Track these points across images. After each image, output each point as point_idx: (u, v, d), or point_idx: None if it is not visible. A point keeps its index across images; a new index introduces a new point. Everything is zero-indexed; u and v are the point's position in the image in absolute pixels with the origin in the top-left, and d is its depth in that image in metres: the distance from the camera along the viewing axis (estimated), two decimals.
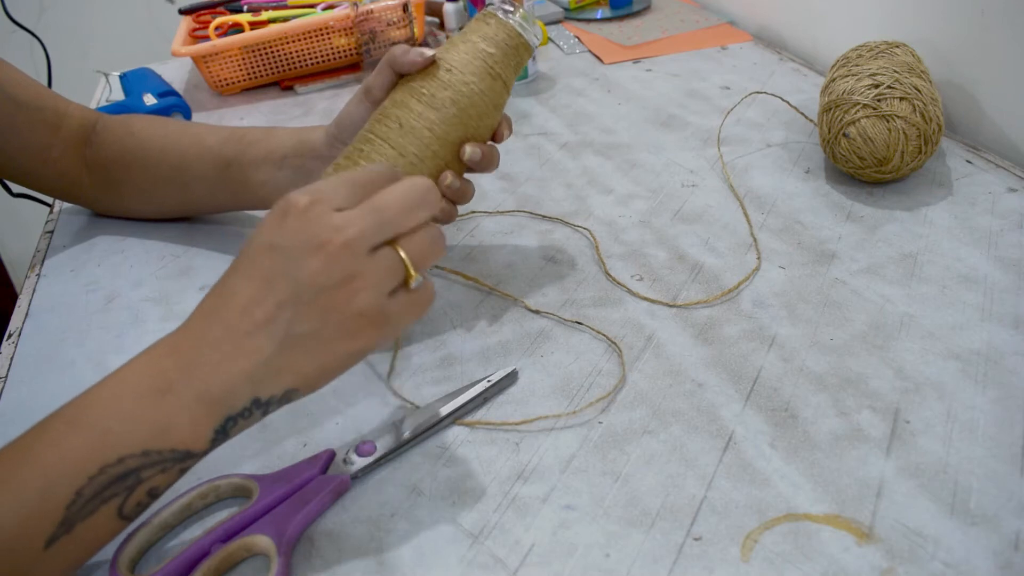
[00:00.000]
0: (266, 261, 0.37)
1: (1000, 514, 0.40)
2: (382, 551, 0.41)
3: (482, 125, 0.53)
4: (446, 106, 0.51)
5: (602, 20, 1.10)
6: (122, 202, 0.69)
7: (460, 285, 0.60)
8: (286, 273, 0.36)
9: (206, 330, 0.37)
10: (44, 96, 0.65)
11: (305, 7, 0.98)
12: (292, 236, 0.37)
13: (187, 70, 1.09)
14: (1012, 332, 0.51)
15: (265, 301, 0.36)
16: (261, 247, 0.37)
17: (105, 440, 0.35)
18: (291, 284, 0.36)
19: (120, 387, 0.37)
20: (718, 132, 0.78)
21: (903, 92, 0.62)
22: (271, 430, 0.49)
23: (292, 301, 0.36)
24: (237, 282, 0.37)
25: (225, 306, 0.37)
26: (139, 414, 0.36)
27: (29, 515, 0.34)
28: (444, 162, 0.52)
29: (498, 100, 0.54)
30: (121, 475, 0.35)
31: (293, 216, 0.37)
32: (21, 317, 0.62)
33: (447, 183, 0.52)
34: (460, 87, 0.51)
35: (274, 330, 0.36)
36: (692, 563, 0.39)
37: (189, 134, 0.64)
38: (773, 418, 0.46)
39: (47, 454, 0.35)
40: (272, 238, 0.37)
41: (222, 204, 0.66)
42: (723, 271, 0.59)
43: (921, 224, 0.62)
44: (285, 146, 0.59)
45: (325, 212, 0.37)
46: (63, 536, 0.35)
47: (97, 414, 0.36)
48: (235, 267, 0.38)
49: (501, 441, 0.47)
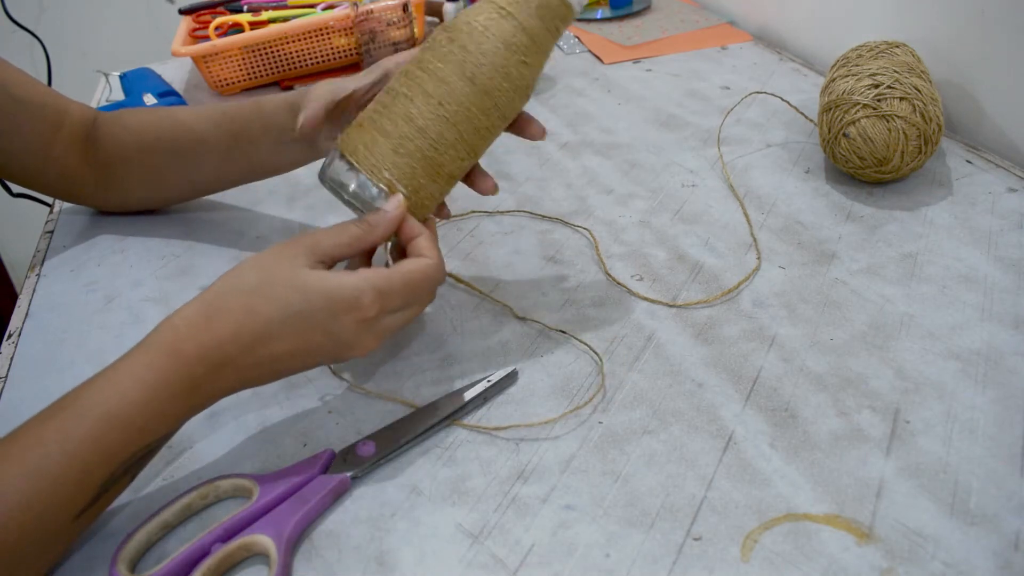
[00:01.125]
0: (317, 338, 0.43)
1: (1000, 514, 0.40)
2: (382, 551, 0.41)
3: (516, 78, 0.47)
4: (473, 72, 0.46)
5: (602, 20, 1.10)
6: (128, 196, 0.69)
7: (460, 284, 0.60)
8: (327, 350, 0.44)
9: (236, 356, 0.42)
10: (45, 95, 0.65)
11: (305, 7, 0.98)
12: (349, 335, 0.44)
13: (187, 70, 1.09)
14: (1012, 332, 0.51)
15: (300, 361, 0.44)
16: (318, 327, 0.43)
17: (141, 435, 0.40)
18: (325, 357, 0.45)
19: (151, 387, 0.40)
20: (718, 132, 0.78)
21: (903, 92, 0.62)
22: (271, 430, 0.49)
23: (317, 364, 0.45)
24: (284, 336, 0.42)
25: (263, 346, 0.42)
26: (170, 411, 0.41)
27: (67, 498, 0.38)
28: (473, 141, 0.48)
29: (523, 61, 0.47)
30: (145, 455, 0.41)
31: (357, 319, 0.43)
32: (21, 317, 0.62)
33: (491, 189, 0.54)
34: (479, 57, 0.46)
35: (292, 373, 0.45)
36: (692, 563, 0.39)
37: (181, 119, 0.64)
38: (773, 418, 0.46)
39: (85, 449, 0.39)
40: (331, 326, 0.43)
41: (229, 181, 0.67)
42: (723, 271, 0.59)
43: (921, 224, 0.62)
44: (280, 119, 0.59)
45: (380, 321, 0.44)
46: (90, 508, 0.40)
47: (133, 414, 0.40)
48: (286, 321, 0.42)
49: (501, 441, 0.47)
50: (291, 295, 0.42)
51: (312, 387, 0.52)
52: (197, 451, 0.48)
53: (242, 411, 0.50)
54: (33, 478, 0.37)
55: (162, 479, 0.46)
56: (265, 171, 0.64)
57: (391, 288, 0.44)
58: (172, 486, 0.46)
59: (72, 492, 0.38)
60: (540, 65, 0.48)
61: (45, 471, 0.38)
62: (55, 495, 0.38)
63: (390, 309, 0.44)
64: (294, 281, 0.43)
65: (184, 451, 0.48)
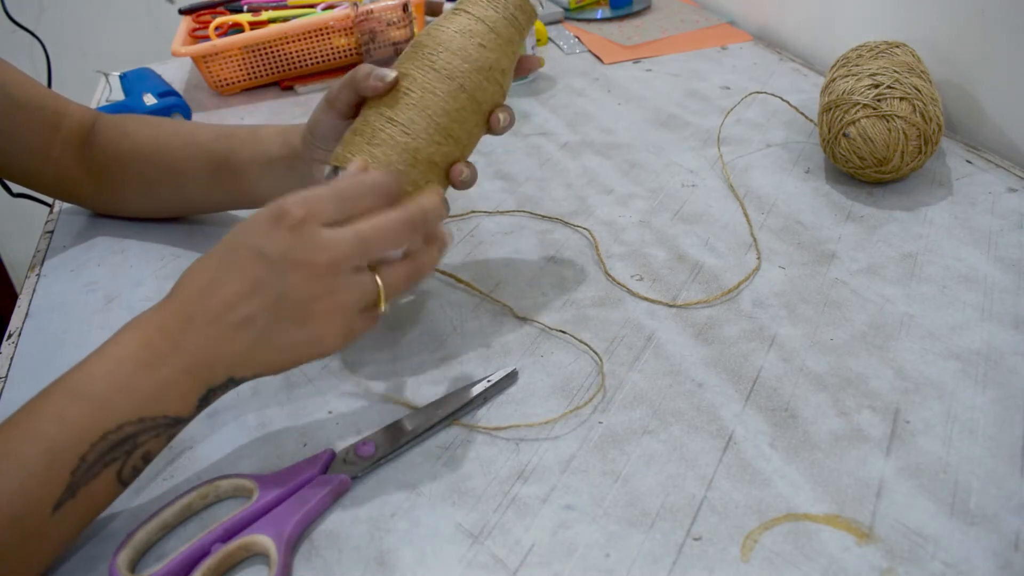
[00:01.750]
0: (254, 265, 0.40)
1: (1000, 514, 0.40)
2: (382, 551, 0.41)
3: (487, 92, 0.51)
4: (444, 83, 0.49)
5: (602, 20, 1.10)
6: (121, 202, 0.70)
7: (460, 285, 0.60)
8: (271, 282, 0.40)
9: (192, 313, 0.41)
10: (44, 96, 0.65)
11: (305, 7, 0.98)
12: (281, 248, 0.40)
13: (187, 70, 1.09)
14: (1012, 332, 0.51)
15: (249, 302, 0.40)
16: (251, 251, 0.41)
17: (105, 409, 0.39)
18: (274, 293, 0.40)
19: (114, 360, 0.40)
20: (718, 132, 0.78)
21: (903, 92, 0.62)
22: (271, 430, 0.49)
23: (273, 307, 0.41)
24: (224, 276, 0.41)
25: (211, 295, 0.41)
26: (134, 384, 0.39)
27: (38, 482, 0.37)
28: (457, 135, 0.50)
29: (493, 64, 0.50)
30: (120, 440, 0.39)
31: (284, 227, 0.40)
32: (21, 317, 0.62)
33: (463, 177, 0.50)
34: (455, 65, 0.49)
35: (253, 329, 0.41)
36: (692, 563, 0.39)
37: (181, 134, 0.64)
38: (773, 418, 0.46)
39: (50, 426, 0.38)
40: (262, 244, 0.40)
41: (217, 204, 0.66)
42: (723, 271, 0.59)
43: (921, 224, 0.62)
44: (272, 149, 0.59)
45: (315, 229, 0.41)
46: (69, 500, 0.38)
47: (95, 386, 0.39)
48: (222, 260, 0.41)
49: (501, 441, 0.47)
50: (227, 238, 0.42)
51: (312, 387, 0.52)
52: (197, 451, 0.48)
53: (242, 411, 0.50)
54: (1, 462, 0.37)
55: (162, 479, 0.47)
56: (249, 200, 0.63)
57: (316, 192, 0.41)
58: (172, 486, 0.46)
59: (42, 476, 0.37)
60: (503, 51, 0.51)
61: (12, 453, 0.37)
62: (24, 479, 0.37)
63: (321, 215, 0.41)
64: (233, 229, 0.42)
65: (184, 451, 0.48)
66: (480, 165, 0.76)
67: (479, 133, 0.52)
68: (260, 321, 0.41)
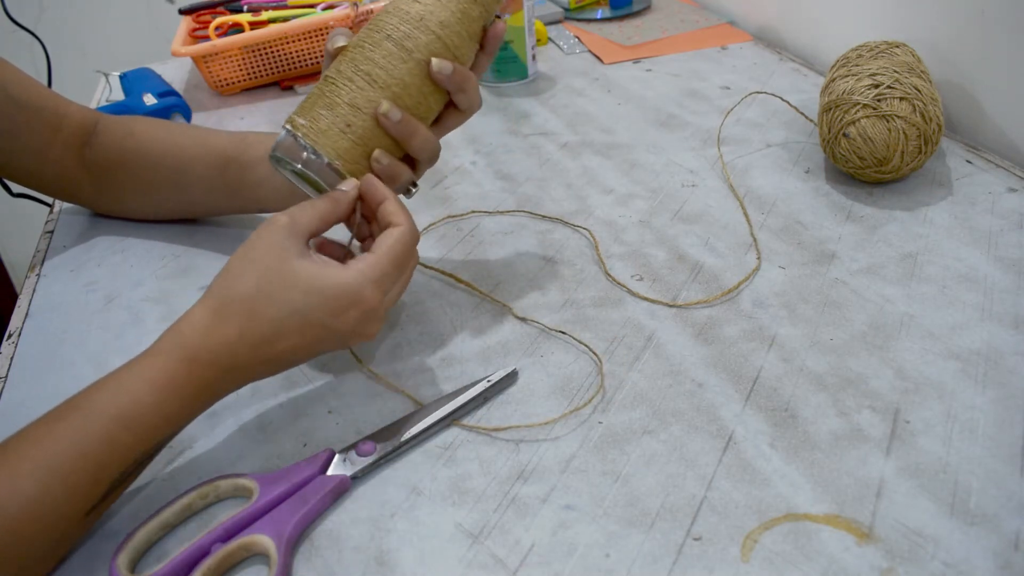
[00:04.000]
0: (321, 334, 0.44)
1: (1000, 514, 0.40)
2: (382, 551, 0.41)
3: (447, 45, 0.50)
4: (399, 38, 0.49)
5: (602, 20, 1.10)
6: (121, 203, 0.70)
7: (460, 285, 0.60)
8: (330, 343, 0.45)
9: (246, 357, 0.43)
10: (44, 96, 0.65)
11: (305, 7, 0.98)
12: (353, 327, 0.45)
13: (187, 70, 1.09)
14: (1012, 332, 0.51)
15: (304, 355, 0.45)
16: (321, 324, 0.44)
17: (152, 435, 0.41)
18: (329, 347, 0.46)
19: (166, 390, 0.42)
20: (718, 132, 0.78)
21: (903, 92, 0.62)
22: (271, 430, 0.49)
23: (319, 354, 0.47)
24: (288, 334, 0.44)
25: (269, 347, 0.43)
26: (181, 412, 0.42)
27: (80, 496, 0.39)
28: (406, 93, 0.49)
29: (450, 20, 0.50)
30: (153, 451, 0.42)
31: (359, 312, 0.44)
32: (21, 317, 0.62)
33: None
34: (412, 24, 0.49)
35: (294, 366, 0.46)
36: (692, 563, 0.39)
37: (189, 136, 0.64)
38: (773, 418, 0.46)
39: (100, 450, 0.40)
40: (333, 323, 0.44)
41: (220, 206, 0.66)
42: (723, 271, 0.59)
43: (921, 224, 0.62)
44: None
45: (380, 311, 0.45)
46: (100, 504, 0.41)
47: (146, 414, 0.41)
48: (290, 318, 0.43)
49: (501, 441, 0.47)
50: (291, 295, 0.43)
51: (312, 387, 0.52)
52: (197, 451, 0.48)
53: (242, 411, 0.50)
54: (46, 475, 0.38)
55: (162, 479, 0.47)
56: (251, 202, 0.63)
57: (385, 273, 0.45)
58: (172, 486, 0.46)
59: (85, 490, 0.39)
60: (443, 7, 0.50)
61: (57, 469, 0.39)
62: (67, 492, 0.39)
63: (387, 292, 0.46)
64: (291, 278, 0.43)
65: (184, 451, 0.48)
66: (480, 165, 0.76)
67: (416, 82, 0.49)
68: (302, 362, 0.46)
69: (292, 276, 0.43)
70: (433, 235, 0.66)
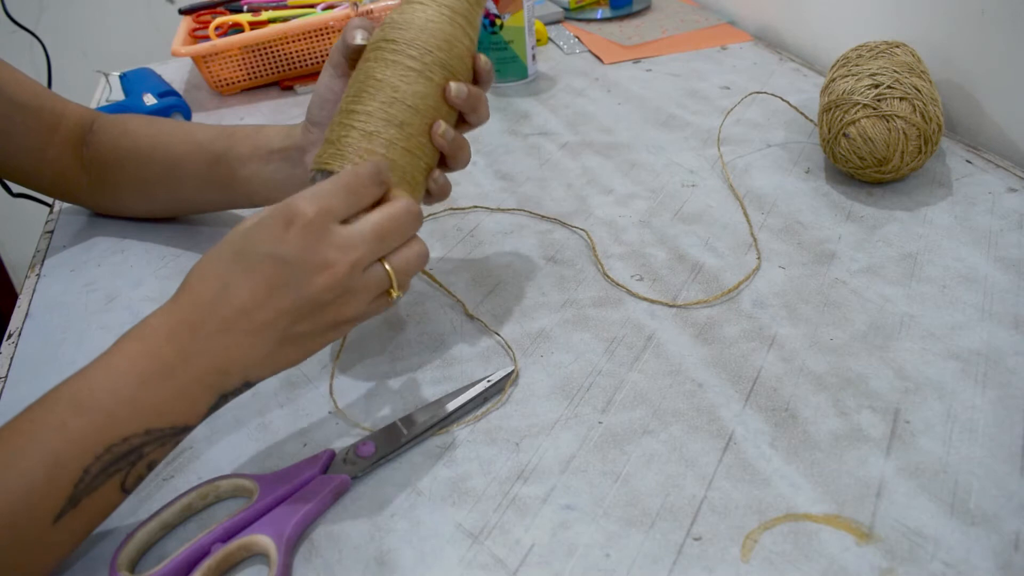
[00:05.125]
0: (270, 270, 0.39)
1: (1000, 514, 0.40)
2: (382, 551, 0.41)
3: (455, 68, 0.50)
4: (409, 63, 0.48)
5: (602, 20, 1.10)
6: (119, 202, 0.70)
7: (461, 284, 0.60)
8: (290, 285, 0.40)
9: (203, 322, 0.39)
10: (42, 96, 0.65)
11: (305, 7, 0.98)
12: (299, 251, 0.39)
13: (187, 70, 1.09)
14: (1012, 332, 0.51)
15: (266, 307, 0.40)
16: (264, 255, 0.39)
17: (110, 422, 0.38)
18: (294, 297, 0.40)
19: (119, 371, 0.39)
20: (718, 132, 0.78)
21: (903, 92, 0.62)
22: (271, 430, 0.49)
23: (292, 310, 0.40)
24: (237, 282, 0.40)
25: (223, 302, 0.39)
26: (142, 397, 0.38)
27: (40, 494, 0.36)
28: (430, 115, 0.49)
29: (460, 38, 0.50)
30: (125, 452, 0.38)
31: (299, 228, 0.40)
32: (21, 317, 0.62)
33: (440, 132, 0.48)
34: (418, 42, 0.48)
35: (271, 333, 0.40)
36: (692, 563, 0.39)
37: (180, 132, 0.64)
38: (773, 418, 0.46)
39: (54, 438, 0.37)
40: (275, 248, 0.39)
41: (212, 202, 0.66)
42: (723, 271, 0.59)
43: (921, 224, 0.62)
44: (273, 142, 0.58)
45: (331, 229, 0.40)
46: (70, 511, 0.37)
47: (101, 398, 0.38)
48: (233, 264, 0.40)
49: (501, 441, 0.47)
50: (233, 241, 0.40)
51: (312, 387, 0.52)
52: (197, 451, 0.48)
53: (242, 411, 0.50)
54: (2, 473, 0.36)
55: (162, 479, 0.46)
56: (245, 197, 0.62)
57: (324, 189, 0.41)
58: (172, 486, 0.46)
59: (44, 488, 0.36)
60: (465, 27, 0.50)
61: (14, 465, 0.36)
62: (26, 491, 0.36)
63: (335, 213, 0.41)
64: (237, 229, 0.41)
65: (184, 451, 0.48)
66: (480, 165, 0.76)
67: (429, 99, 0.49)
68: (278, 326, 0.40)
69: (239, 226, 0.41)
70: (434, 235, 0.66)
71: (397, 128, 0.47)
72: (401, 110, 0.47)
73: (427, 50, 0.48)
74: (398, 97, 0.47)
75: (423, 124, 0.48)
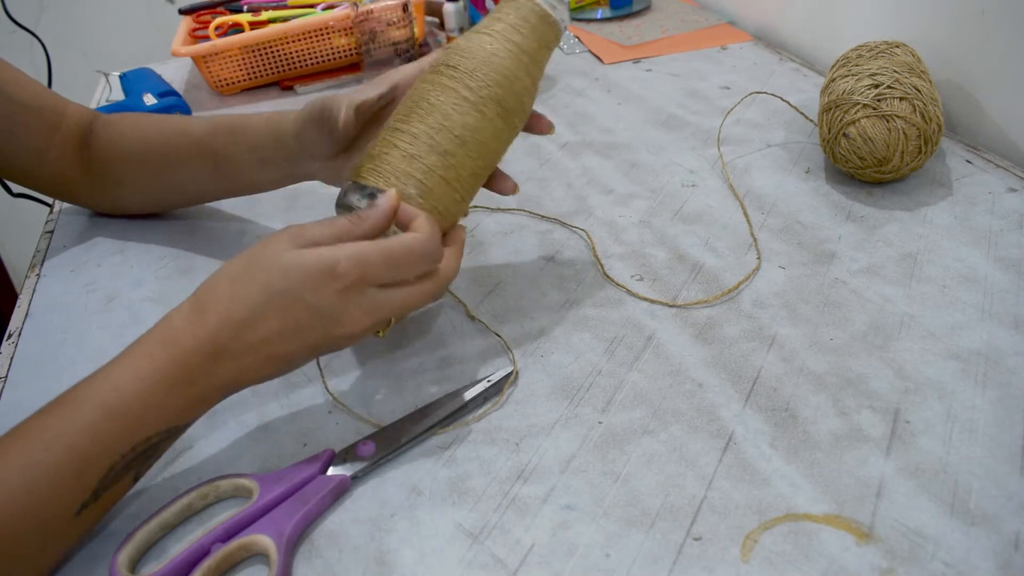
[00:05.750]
0: (302, 315, 0.42)
1: (1000, 514, 0.40)
2: (382, 551, 0.41)
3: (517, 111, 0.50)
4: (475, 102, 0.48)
5: (602, 20, 1.10)
6: (119, 201, 0.70)
7: (461, 284, 0.60)
8: (315, 330, 0.43)
9: (230, 342, 0.42)
10: (43, 96, 0.65)
11: (305, 7, 0.98)
12: (332, 307, 0.43)
13: (187, 70, 1.09)
14: (1012, 332, 0.51)
15: (290, 342, 0.43)
16: (299, 300, 0.42)
17: (138, 426, 0.40)
18: (316, 338, 0.43)
19: (148, 377, 0.41)
20: (718, 132, 0.78)
21: (903, 92, 0.62)
22: (271, 430, 0.49)
23: (310, 348, 0.44)
24: (266, 313, 0.42)
25: (251, 329, 0.42)
26: (168, 403, 0.41)
27: (66, 490, 0.39)
28: (475, 150, 0.49)
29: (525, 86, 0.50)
30: (146, 450, 0.41)
31: (337, 289, 0.42)
32: (21, 317, 0.62)
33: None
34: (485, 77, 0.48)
35: (286, 362, 0.44)
36: (692, 563, 0.39)
37: (172, 130, 0.64)
38: (773, 418, 0.46)
39: (83, 440, 0.39)
40: (313, 299, 0.42)
41: (217, 194, 0.67)
42: (723, 271, 0.59)
43: (921, 224, 0.62)
44: (263, 146, 0.59)
45: (365, 293, 0.43)
46: (92, 503, 0.40)
47: (129, 402, 0.40)
48: (266, 298, 0.42)
49: (501, 441, 0.47)
50: (271, 275, 0.42)
51: (312, 387, 0.52)
52: (197, 451, 0.48)
53: (242, 410, 0.50)
54: (31, 470, 0.38)
55: (162, 479, 0.46)
56: (247, 188, 0.63)
57: (368, 255, 0.43)
58: (172, 486, 0.46)
59: (71, 484, 0.38)
60: (528, 65, 0.50)
61: (42, 463, 0.38)
62: (53, 487, 0.38)
63: (373, 279, 0.43)
64: (275, 263, 0.42)
65: (184, 451, 0.48)
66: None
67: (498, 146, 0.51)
68: (295, 358, 0.44)
69: (276, 261, 0.43)
70: None
71: (440, 156, 0.47)
72: (447, 139, 0.47)
73: (485, 84, 0.48)
74: (447, 125, 0.47)
75: (466, 157, 0.48)
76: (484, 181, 0.52)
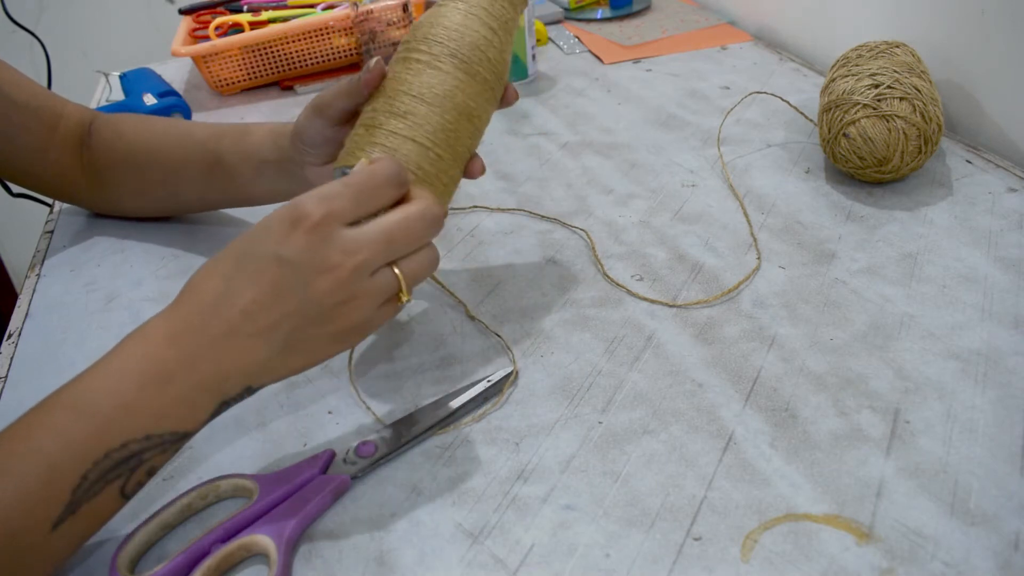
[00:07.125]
0: (274, 272, 0.39)
1: (1000, 514, 0.40)
2: (382, 551, 0.41)
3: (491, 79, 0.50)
4: (446, 67, 0.48)
5: (602, 20, 1.10)
6: (118, 202, 0.69)
7: (461, 284, 0.60)
8: (294, 288, 0.39)
9: (206, 324, 0.39)
10: (41, 96, 0.65)
11: (305, 7, 0.98)
12: (303, 253, 0.39)
13: (187, 70, 1.09)
14: (1012, 332, 0.51)
15: (270, 310, 0.39)
16: (268, 256, 0.39)
17: (109, 427, 0.37)
18: (298, 299, 0.39)
19: (119, 375, 0.38)
20: (718, 132, 0.78)
21: (903, 92, 0.62)
22: (271, 430, 0.49)
23: (296, 313, 0.39)
24: (240, 283, 0.39)
25: (227, 304, 0.39)
26: (142, 402, 0.38)
27: (37, 500, 0.36)
28: (438, 104, 0.48)
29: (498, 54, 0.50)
30: (124, 458, 0.37)
31: (304, 230, 0.39)
32: (21, 317, 0.62)
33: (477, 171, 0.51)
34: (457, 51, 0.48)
35: (275, 337, 0.39)
36: (692, 563, 0.39)
37: (174, 134, 0.63)
38: (773, 418, 0.46)
39: (51, 443, 0.36)
40: (280, 249, 0.39)
41: (213, 203, 0.66)
42: (723, 271, 0.59)
43: (921, 224, 0.62)
44: (262, 151, 0.58)
45: (336, 231, 0.39)
46: (69, 517, 0.36)
47: (100, 402, 0.37)
48: (237, 266, 0.40)
49: (501, 441, 0.47)
50: (239, 243, 0.40)
51: (312, 387, 0.52)
52: (197, 451, 0.48)
53: (242, 411, 0.50)
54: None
55: (162, 479, 0.46)
56: (244, 197, 0.62)
57: (331, 190, 0.40)
58: (172, 486, 0.46)
59: (42, 494, 0.36)
60: (484, 19, 0.50)
61: (8, 469, 0.36)
62: (21, 497, 0.35)
63: (340, 214, 0.39)
64: (244, 234, 0.40)
65: (184, 451, 0.48)
66: None
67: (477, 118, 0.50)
68: (282, 329, 0.39)
69: (249, 231, 0.40)
70: None
71: (400, 118, 0.46)
72: (406, 101, 0.47)
73: (437, 41, 0.48)
74: (403, 89, 0.47)
75: (430, 113, 0.47)
76: (471, 134, 0.50)
